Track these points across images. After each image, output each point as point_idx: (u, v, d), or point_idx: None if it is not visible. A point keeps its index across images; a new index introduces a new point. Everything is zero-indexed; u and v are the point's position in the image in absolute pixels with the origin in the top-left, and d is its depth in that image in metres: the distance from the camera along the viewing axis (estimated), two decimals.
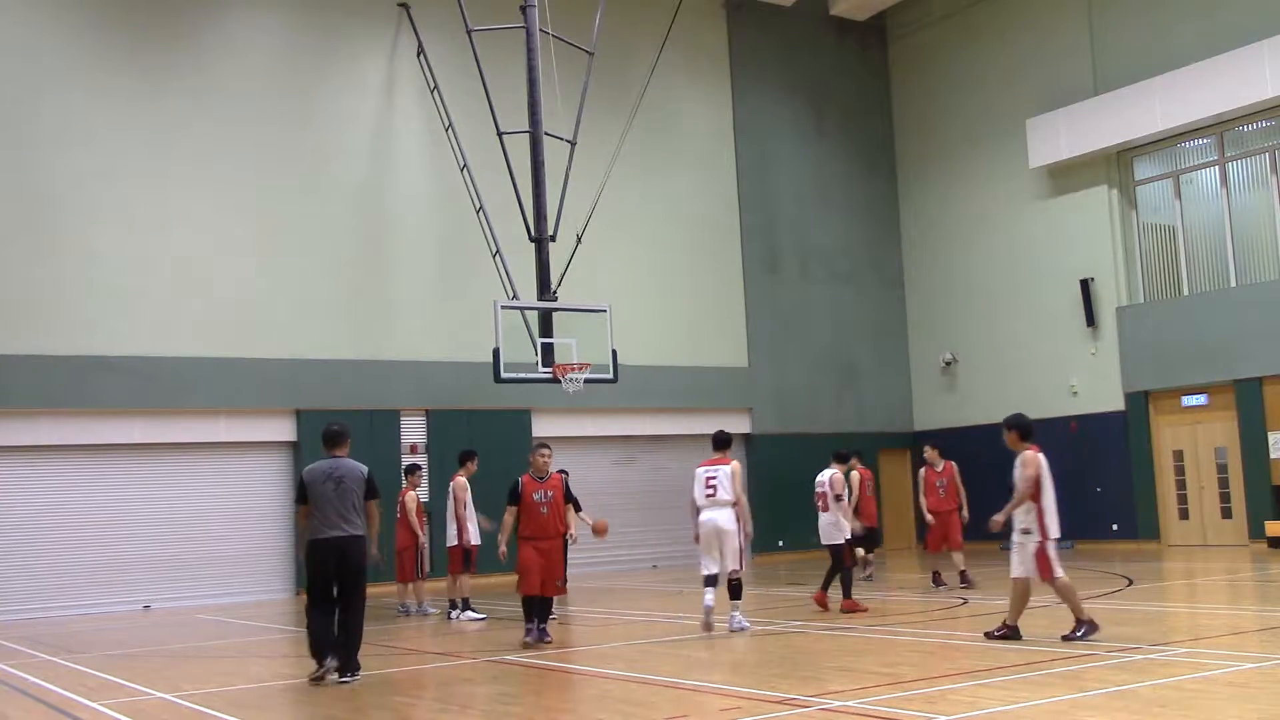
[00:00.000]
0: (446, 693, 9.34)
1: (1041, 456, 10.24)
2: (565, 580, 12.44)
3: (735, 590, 11.77)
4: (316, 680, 9.50)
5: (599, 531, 12.93)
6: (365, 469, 9.90)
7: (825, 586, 13.91)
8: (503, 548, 11.61)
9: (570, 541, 13.18)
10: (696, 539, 12.01)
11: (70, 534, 19.10)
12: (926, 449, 16.94)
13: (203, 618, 17.28)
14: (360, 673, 9.62)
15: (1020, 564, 10.18)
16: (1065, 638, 9.73)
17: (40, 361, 18.89)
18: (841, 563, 13.71)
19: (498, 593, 17.42)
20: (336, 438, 10.00)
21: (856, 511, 15.80)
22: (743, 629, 11.70)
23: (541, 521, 11.47)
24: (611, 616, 14.73)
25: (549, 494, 11.57)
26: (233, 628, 15.67)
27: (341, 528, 9.59)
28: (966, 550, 16.27)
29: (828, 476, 13.90)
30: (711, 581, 11.75)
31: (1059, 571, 9.84)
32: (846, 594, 13.42)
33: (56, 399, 18.96)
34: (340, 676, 9.51)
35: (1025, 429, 10.80)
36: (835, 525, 13.71)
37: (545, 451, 11.79)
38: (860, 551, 16.54)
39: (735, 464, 12.02)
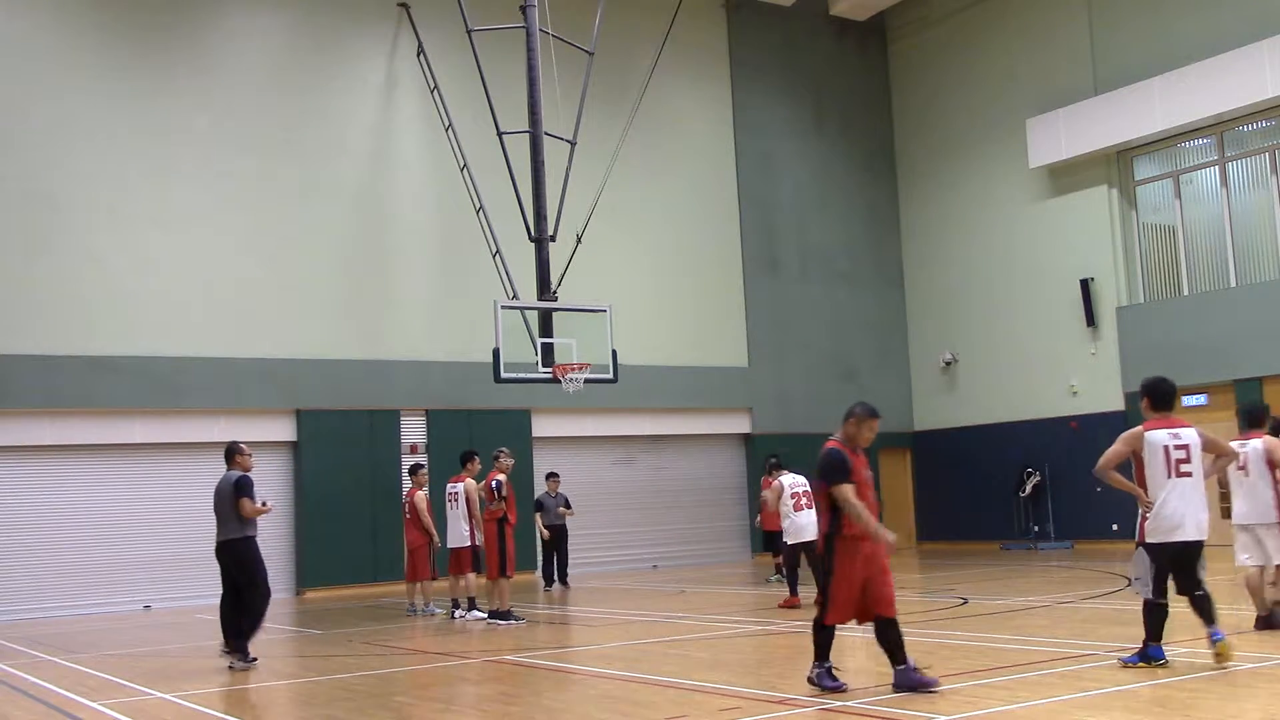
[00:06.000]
0: (446, 693, 9.35)
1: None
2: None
3: None
4: (225, 655, 11.04)
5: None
6: (235, 477, 11.08)
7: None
8: (894, 539, 8.00)
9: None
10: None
11: (70, 534, 19.09)
12: None
13: (203, 618, 17.26)
14: (247, 662, 10.72)
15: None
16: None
17: (41, 361, 18.89)
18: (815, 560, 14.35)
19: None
20: (224, 455, 11.41)
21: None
22: None
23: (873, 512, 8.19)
24: (611, 616, 14.73)
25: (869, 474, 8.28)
26: None
27: (222, 533, 11.08)
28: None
29: (803, 480, 14.53)
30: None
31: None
32: (794, 591, 14.24)
33: (57, 399, 18.96)
34: (231, 661, 10.83)
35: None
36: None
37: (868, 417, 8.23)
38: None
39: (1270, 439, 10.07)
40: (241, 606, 10.98)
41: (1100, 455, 8.88)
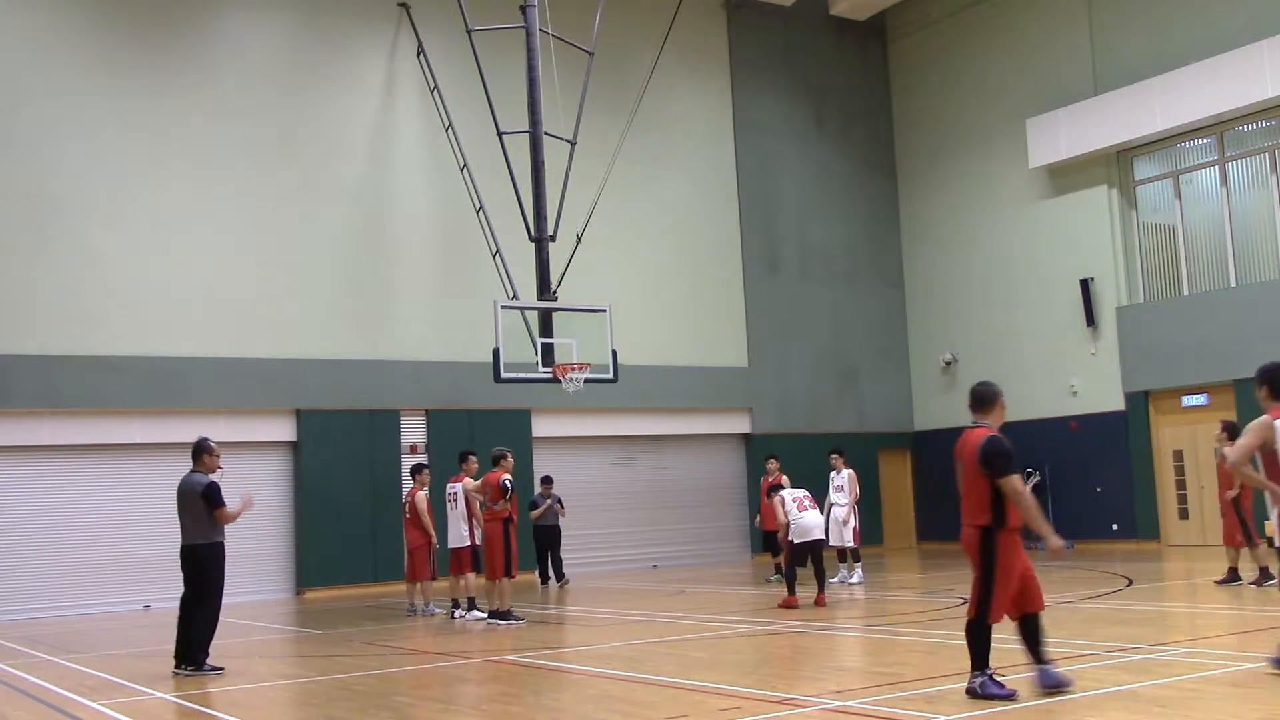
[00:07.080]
0: (446, 693, 9.35)
1: None
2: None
3: None
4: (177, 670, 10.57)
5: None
6: (204, 482, 10.73)
7: (822, 586, 14.37)
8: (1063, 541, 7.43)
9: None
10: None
11: (70, 534, 19.09)
12: None
13: None
14: (197, 670, 10.38)
15: None
16: None
17: (41, 361, 18.89)
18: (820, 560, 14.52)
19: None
20: (191, 452, 10.98)
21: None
22: None
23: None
24: (611, 616, 14.73)
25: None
26: (233, 628, 15.63)
27: (186, 538, 10.74)
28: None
29: (804, 491, 14.68)
30: None
31: None
32: (791, 590, 14.10)
33: (57, 399, 18.96)
34: (176, 666, 10.52)
35: None
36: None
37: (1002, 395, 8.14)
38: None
39: None
40: (199, 614, 10.61)
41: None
